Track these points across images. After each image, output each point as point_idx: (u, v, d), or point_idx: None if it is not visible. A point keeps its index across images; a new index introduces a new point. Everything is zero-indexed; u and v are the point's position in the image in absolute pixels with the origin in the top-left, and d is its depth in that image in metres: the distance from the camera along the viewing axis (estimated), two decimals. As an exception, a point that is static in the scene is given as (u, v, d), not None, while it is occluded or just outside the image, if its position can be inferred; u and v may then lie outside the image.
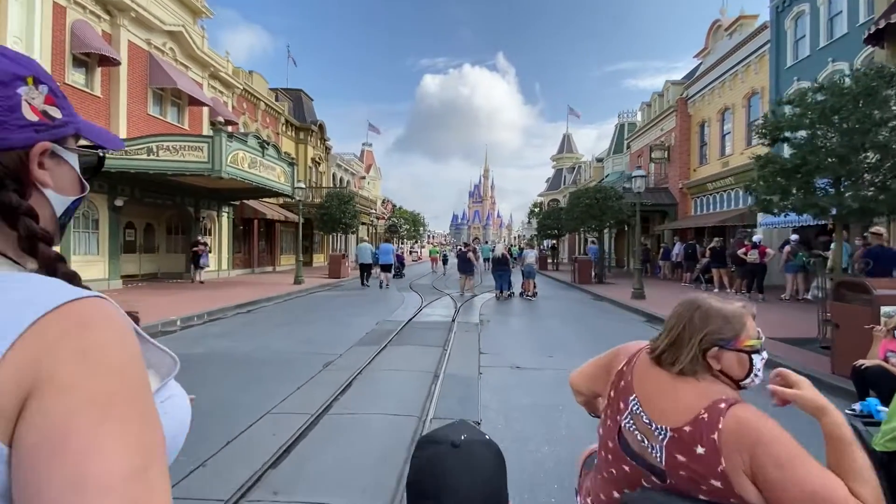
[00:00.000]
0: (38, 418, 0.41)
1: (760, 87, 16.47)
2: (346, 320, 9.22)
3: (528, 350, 6.88)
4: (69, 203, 0.60)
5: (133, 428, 0.43)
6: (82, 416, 0.41)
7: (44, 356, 0.42)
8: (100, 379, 0.43)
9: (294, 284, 15.84)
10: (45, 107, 0.55)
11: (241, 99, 20.82)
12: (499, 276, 13.47)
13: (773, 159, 6.54)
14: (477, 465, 0.73)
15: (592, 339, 7.83)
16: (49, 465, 0.39)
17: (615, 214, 17.98)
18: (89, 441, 0.41)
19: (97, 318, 0.46)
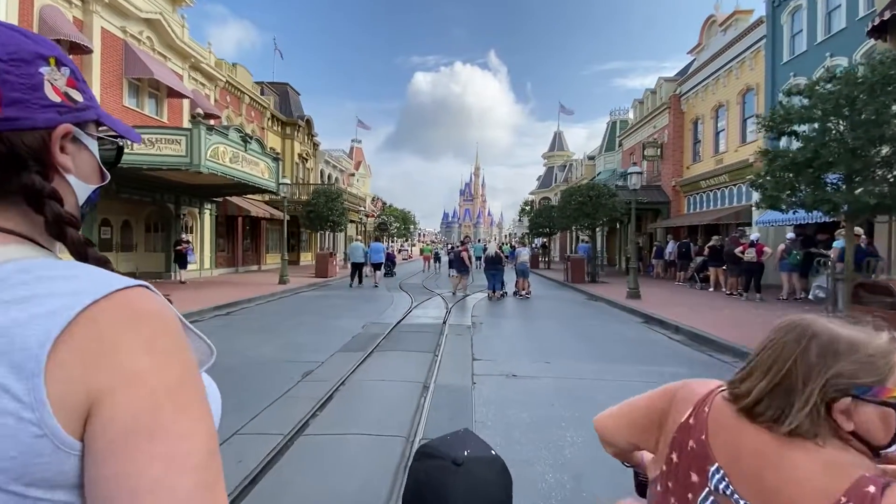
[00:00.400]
0: (123, 411, 0.42)
1: (755, 83, 16.25)
2: (330, 323, 8.72)
3: (523, 355, 6.46)
4: (90, 192, 0.59)
5: (202, 413, 0.46)
6: (165, 406, 0.43)
7: (107, 346, 0.43)
8: (170, 369, 0.45)
9: (279, 284, 15.26)
10: (67, 89, 0.54)
11: (225, 92, 20.11)
12: (491, 275, 13.05)
13: (782, 153, 6.19)
14: (480, 486, 0.67)
15: (590, 342, 7.44)
16: (143, 452, 0.41)
17: (608, 212, 17.68)
18: (175, 428, 0.43)
19: (151, 307, 0.47)
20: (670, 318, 9.11)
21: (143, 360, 0.44)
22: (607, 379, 5.34)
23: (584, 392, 4.86)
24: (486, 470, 0.72)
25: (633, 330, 8.76)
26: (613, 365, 6.00)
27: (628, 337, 8.03)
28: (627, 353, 6.74)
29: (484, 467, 0.72)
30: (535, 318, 9.79)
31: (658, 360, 6.34)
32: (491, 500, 0.69)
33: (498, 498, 0.70)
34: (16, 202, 0.52)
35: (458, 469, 0.69)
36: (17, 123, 0.50)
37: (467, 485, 0.68)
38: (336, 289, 15.78)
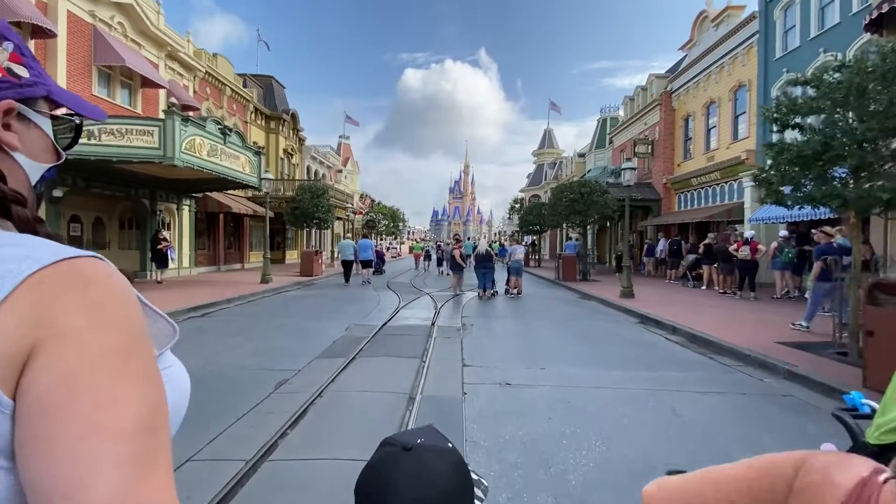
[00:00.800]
0: (50, 368, 0.40)
1: (748, 79, 16.08)
2: (312, 325, 8.22)
3: (517, 360, 6.05)
4: (44, 171, 0.58)
5: (142, 382, 0.44)
6: (96, 368, 0.41)
7: (48, 309, 0.42)
8: (110, 333, 0.43)
9: (261, 284, 14.67)
10: (9, 64, 0.53)
11: (204, 83, 19.34)
12: (482, 273, 12.64)
13: (789, 146, 5.85)
14: (427, 473, 0.65)
15: (586, 344, 7.06)
16: (63, 414, 0.39)
17: (601, 210, 17.39)
18: (104, 391, 0.41)
19: (100, 275, 0.46)
20: (666, 318, 8.80)
21: (82, 319, 0.42)
22: (608, 386, 4.96)
23: (583, 402, 4.47)
24: (436, 458, 0.68)
25: (630, 330, 8.42)
26: (612, 370, 5.63)
27: (625, 338, 7.69)
28: (626, 356, 6.38)
29: (435, 455, 0.68)
30: (528, 319, 9.40)
31: (659, 364, 5.99)
32: (440, 489, 0.65)
33: (447, 488, 0.66)
34: None
35: (406, 454, 0.67)
36: None
37: (414, 470, 0.66)
38: (321, 288, 15.24)
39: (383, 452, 0.69)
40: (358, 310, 10.22)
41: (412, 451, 0.68)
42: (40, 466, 0.39)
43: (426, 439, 0.71)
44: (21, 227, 0.52)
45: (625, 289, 12.25)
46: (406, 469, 0.66)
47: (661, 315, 9.17)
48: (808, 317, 7.59)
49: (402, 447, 0.68)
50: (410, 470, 0.66)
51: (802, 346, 6.56)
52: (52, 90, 0.57)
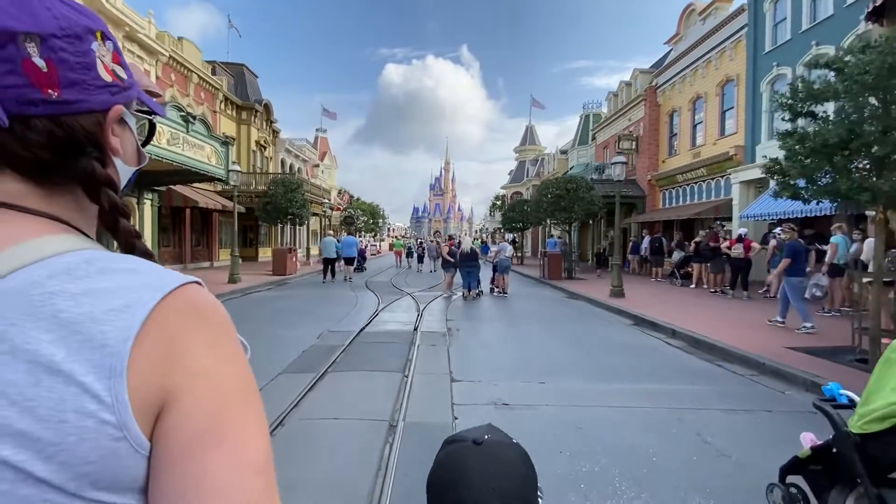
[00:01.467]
0: (194, 411, 0.41)
1: (735, 74, 15.81)
2: (279, 332, 7.35)
3: (511, 372, 5.36)
4: (131, 174, 0.56)
5: (262, 411, 0.45)
6: (231, 407, 0.42)
7: (177, 345, 0.42)
8: (233, 368, 0.44)
9: (228, 284, 13.62)
10: (114, 66, 0.51)
11: (168, 69, 18.01)
12: (467, 272, 11.93)
13: (811, 134, 5.31)
14: (498, 463, 0.68)
15: (584, 352, 6.43)
16: (214, 453, 0.40)
17: (586, 206, 16.90)
18: (242, 428, 0.42)
19: (209, 305, 0.46)
20: (663, 320, 8.28)
21: (210, 358, 0.43)
22: (620, 405, 4.31)
23: (596, 428, 3.80)
24: (506, 450, 0.71)
25: (626, 334, 7.85)
26: (619, 383, 4.99)
27: (623, 343, 7.10)
28: (629, 365, 5.76)
29: (504, 448, 0.71)
30: (518, 322, 8.73)
31: (668, 375, 5.39)
32: (514, 480, 0.67)
33: (519, 478, 0.68)
34: (69, 190, 0.49)
35: (477, 447, 0.69)
36: (75, 107, 0.47)
37: (487, 461, 0.68)
38: (294, 288, 14.28)
39: (452, 448, 0.70)
40: (333, 313, 9.38)
41: (482, 445, 0.70)
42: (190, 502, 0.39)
43: (492, 434, 0.72)
44: (123, 241, 0.52)
45: (615, 288, 11.75)
46: (480, 462, 0.67)
47: (657, 316, 8.64)
48: (801, 315, 7.39)
49: (471, 441, 0.70)
50: (484, 462, 0.67)
51: (816, 353, 6.07)
52: (139, 91, 0.56)
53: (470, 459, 0.68)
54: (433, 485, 0.69)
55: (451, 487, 0.66)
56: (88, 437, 0.37)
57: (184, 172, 13.71)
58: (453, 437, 0.73)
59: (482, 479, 0.65)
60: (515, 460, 0.70)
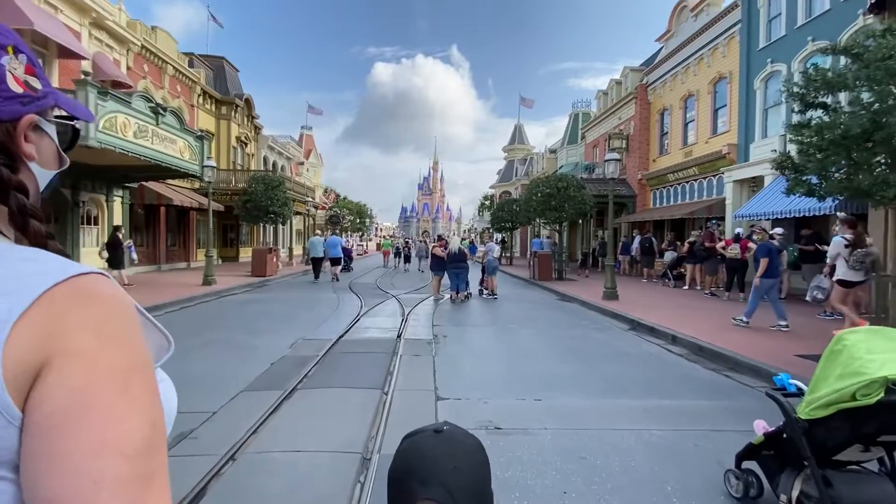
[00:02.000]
0: (61, 385, 0.42)
1: (728, 71, 15.53)
2: (249, 341, 6.70)
3: (503, 387, 4.82)
4: (51, 177, 0.59)
5: (146, 401, 0.45)
6: (104, 386, 0.42)
7: (58, 325, 0.43)
8: (116, 352, 0.45)
9: (202, 286, 12.85)
10: (26, 77, 0.54)
11: (141, 59, 17.10)
12: (455, 274, 11.38)
13: (828, 125, 4.87)
14: (459, 447, 0.70)
15: (582, 361, 5.92)
16: (72, 431, 0.40)
17: (577, 206, 16.48)
18: (111, 409, 0.42)
19: (105, 293, 0.47)
20: (661, 325, 7.83)
21: (90, 339, 0.44)
22: (627, 427, 3.79)
23: (603, 457, 3.27)
24: (465, 438, 0.73)
25: (624, 340, 7.37)
26: (623, 398, 4.49)
27: (622, 351, 6.61)
28: (631, 376, 5.27)
29: (464, 436, 0.73)
30: (509, 327, 8.20)
31: (674, 389, 4.90)
32: (476, 461, 0.70)
33: (479, 458, 0.71)
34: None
35: (438, 435, 0.71)
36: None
37: (448, 445, 0.69)
38: (273, 290, 13.56)
39: (413, 439, 0.71)
40: (311, 318, 8.74)
41: (443, 432, 0.71)
42: (46, 481, 0.40)
43: (451, 426, 0.74)
44: (33, 241, 0.53)
45: (608, 290, 11.31)
46: (442, 446, 0.69)
47: (654, 321, 8.20)
48: (777, 314, 7.48)
49: (432, 431, 0.72)
50: (446, 446, 0.69)
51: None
52: (59, 99, 0.58)
53: (432, 446, 0.69)
54: (395, 473, 0.68)
55: (414, 471, 0.66)
56: None
57: (154, 168, 12.91)
58: (413, 432, 0.73)
59: (444, 459, 0.66)
60: (475, 447, 0.72)
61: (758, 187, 13.73)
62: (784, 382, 2.51)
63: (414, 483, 0.65)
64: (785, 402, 2.29)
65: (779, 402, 2.33)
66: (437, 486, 0.64)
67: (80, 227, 14.28)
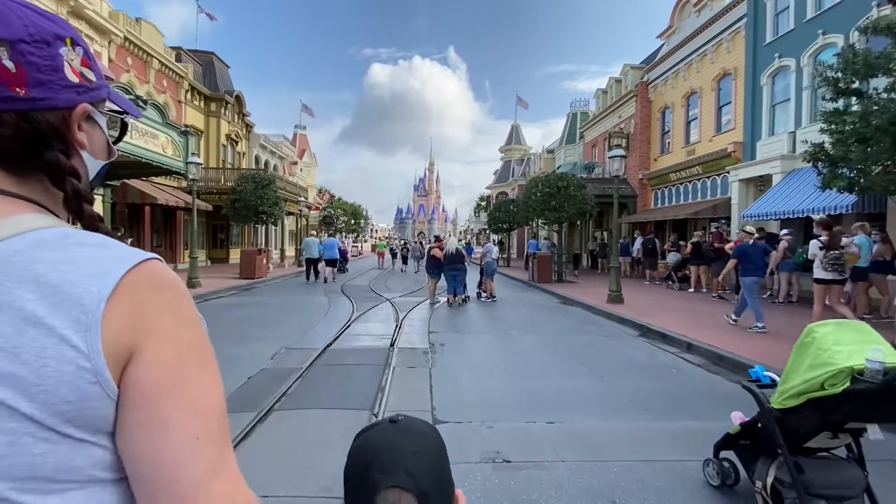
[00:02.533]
0: (155, 361, 0.47)
1: (733, 67, 15.08)
2: (228, 350, 6.09)
3: (510, 406, 4.25)
4: (100, 167, 0.62)
5: (217, 372, 0.52)
6: (190, 361, 0.49)
7: (142, 308, 0.47)
8: (191, 330, 0.50)
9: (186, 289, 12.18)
10: (82, 68, 0.56)
11: (124, 52, 16.42)
12: (452, 276, 10.80)
13: (874, 112, 4.34)
14: (416, 434, 0.69)
15: (593, 373, 5.36)
16: (171, 399, 0.47)
17: (578, 205, 15.96)
18: (199, 380, 0.49)
19: (170, 277, 0.51)
20: (674, 331, 7.30)
21: (169, 320, 0.49)
22: (656, 458, 3.23)
23: (638, 501, 2.70)
24: (422, 425, 0.72)
25: (636, 348, 6.83)
26: (646, 420, 3.94)
27: (636, 361, 6.07)
28: (651, 391, 4.72)
29: (420, 424, 0.72)
30: (511, 334, 7.63)
31: (700, 406, 4.36)
32: (434, 445, 0.69)
33: (438, 445, 0.70)
34: (38, 177, 0.54)
35: (394, 425, 0.70)
36: (40, 104, 0.52)
37: (405, 433, 0.68)
38: (261, 293, 12.93)
39: (368, 433, 0.70)
40: (298, 323, 8.13)
41: (399, 422, 0.70)
42: (153, 442, 0.46)
43: (405, 417, 0.72)
44: (86, 224, 0.56)
45: (613, 293, 10.78)
46: (399, 433, 0.68)
47: (664, 326, 7.67)
48: (755, 314, 7.47)
49: (387, 421, 0.70)
50: (404, 433, 0.68)
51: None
52: (110, 92, 0.61)
53: (390, 435, 0.67)
54: (353, 470, 0.66)
55: (374, 463, 0.64)
56: (66, 380, 0.44)
57: (135, 165, 12.24)
58: (366, 427, 0.72)
59: (404, 446, 0.65)
60: (432, 433, 0.71)
61: (765, 186, 13.26)
62: (759, 374, 2.60)
63: (374, 474, 0.63)
64: (759, 393, 2.37)
65: (753, 393, 2.40)
66: (399, 472, 0.63)
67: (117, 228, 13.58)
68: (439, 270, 11.16)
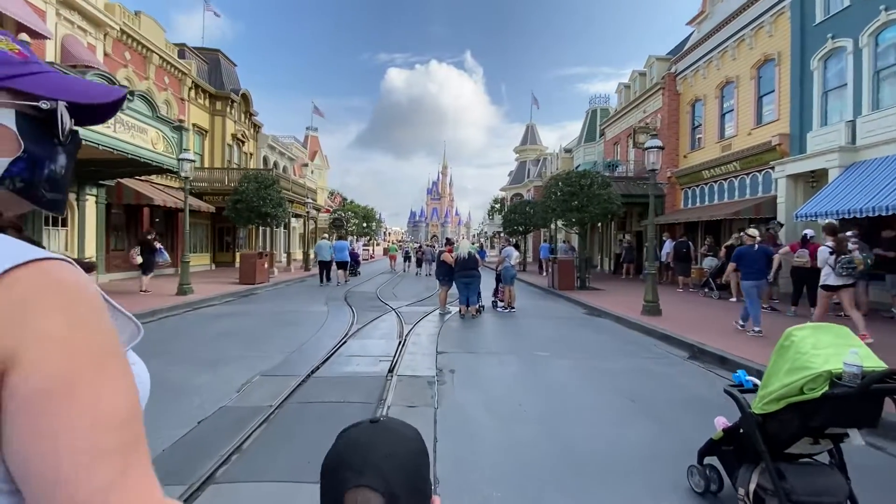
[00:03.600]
0: (40, 369, 0.42)
1: (777, 52, 13.60)
2: (191, 378, 4.98)
3: (547, 475, 3.02)
4: (6, 165, 0.55)
5: (122, 380, 0.47)
6: (84, 368, 0.44)
7: (26, 309, 0.43)
8: (89, 335, 0.46)
9: (176, 296, 11.23)
10: None
11: (122, 46, 15.67)
12: (465, 284, 9.59)
13: None
14: (394, 435, 0.67)
15: (652, 419, 4.08)
16: (60, 411, 0.42)
17: (604, 205, 14.62)
18: (93, 389, 0.44)
19: (70, 277, 0.47)
20: (735, 354, 5.97)
21: (61, 324, 0.44)
22: None
23: None
24: (402, 427, 0.71)
25: (691, 376, 5.53)
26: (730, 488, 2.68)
27: (696, 395, 4.78)
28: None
29: (400, 425, 0.71)
30: (536, 356, 6.37)
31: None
32: (411, 448, 0.67)
33: (416, 447, 0.68)
34: None
35: (374, 425, 0.68)
36: None
37: (383, 433, 0.67)
38: (257, 301, 11.90)
39: (348, 432, 0.69)
40: (286, 339, 7.00)
41: (379, 422, 0.69)
42: (40, 458, 0.41)
43: (387, 418, 0.72)
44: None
45: (649, 303, 9.47)
46: (378, 434, 0.67)
47: (720, 347, 6.36)
48: (752, 318, 7.39)
49: (368, 422, 0.69)
50: (382, 434, 0.67)
51: None
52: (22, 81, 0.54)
53: (367, 435, 0.66)
54: (327, 466, 0.65)
55: (346, 461, 0.63)
56: None
57: (124, 162, 11.36)
58: (350, 425, 0.70)
59: (379, 446, 0.64)
60: (412, 436, 0.69)
61: (818, 182, 11.77)
62: (741, 379, 2.55)
63: (345, 472, 0.63)
64: (741, 398, 2.36)
65: (734, 398, 2.39)
66: (370, 472, 0.62)
67: (44, 230, 12.77)
68: (450, 277, 9.97)
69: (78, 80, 0.59)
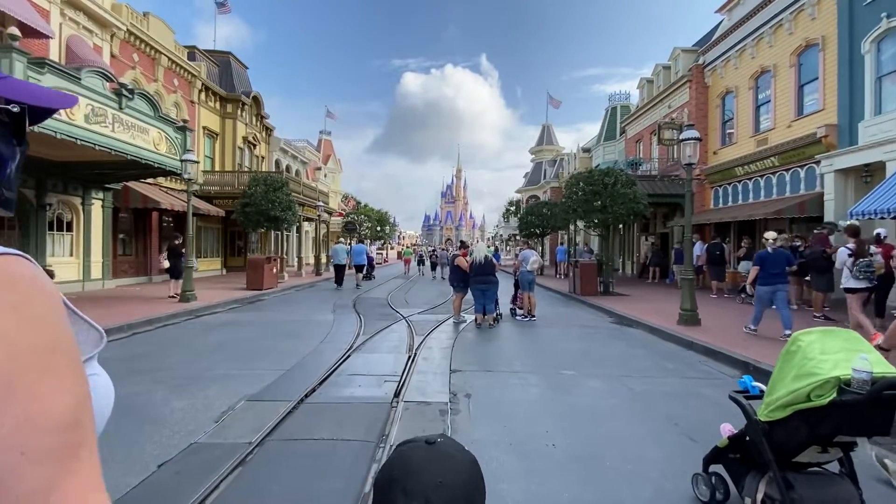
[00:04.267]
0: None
1: (820, 36, 12.51)
2: (168, 402, 4.31)
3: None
4: None
5: (70, 380, 0.44)
6: (26, 366, 0.42)
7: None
8: (37, 332, 0.44)
9: (178, 303, 10.72)
10: None
11: (129, 47, 15.39)
12: (481, 290, 8.80)
13: None
14: (448, 460, 0.68)
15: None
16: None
17: (629, 205, 13.67)
18: (34, 387, 0.41)
19: (26, 275, 0.45)
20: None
21: (9, 319, 0.42)
22: None
23: None
24: (458, 452, 0.70)
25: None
26: None
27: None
28: None
29: (456, 450, 0.71)
30: (564, 375, 5.54)
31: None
32: (464, 478, 0.66)
33: (469, 477, 0.67)
34: None
35: (429, 446, 0.69)
36: None
37: (437, 457, 0.67)
38: (262, 308, 11.32)
39: (404, 448, 0.70)
40: (284, 353, 6.32)
41: (435, 444, 0.69)
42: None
43: (446, 439, 0.72)
44: None
45: (686, 312, 8.54)
46: (431, 458, 0.67)
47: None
48: (752, 317, 7.49)
49: (423, 441, 0.70)
50: (435, 459, 0.67)
51: None
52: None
53: (421, 457, 0.67)
54: (381, 480, 0.67)
55: (399, 479, 0.65)
56: None
57: (126, 164, 10.94)
58: (407, 440, 0.72)
59: (431, 472, 0.65)
60: (468, 463, 0.70)
61: (873, 177, 10.66)
62: (747, 385, 2.47)
63: (397, 493, 0.64)
64: (746, 405, 2.28)
65: (740, 405, 2.31)
66: (419, 499, 0.62)
67: (48, 234, 12.45)
68: (465, 283, 9.19)
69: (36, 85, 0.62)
